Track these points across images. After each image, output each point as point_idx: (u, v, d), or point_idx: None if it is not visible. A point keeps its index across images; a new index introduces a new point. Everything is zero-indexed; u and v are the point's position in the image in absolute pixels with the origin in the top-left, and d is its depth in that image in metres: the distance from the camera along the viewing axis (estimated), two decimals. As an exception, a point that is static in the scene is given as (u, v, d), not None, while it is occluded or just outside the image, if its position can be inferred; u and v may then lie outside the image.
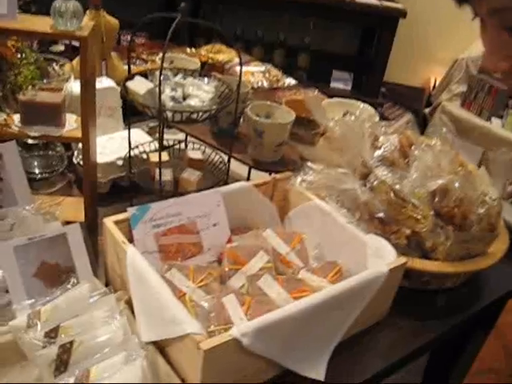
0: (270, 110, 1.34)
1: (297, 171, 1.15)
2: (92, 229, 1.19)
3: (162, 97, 1.05)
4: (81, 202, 1.21)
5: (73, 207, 1.23)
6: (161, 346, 0.86)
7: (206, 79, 1.16)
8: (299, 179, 1.12)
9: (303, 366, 0.89)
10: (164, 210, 1.03)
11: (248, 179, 1.34)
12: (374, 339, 1.02)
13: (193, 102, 1.06)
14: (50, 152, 1.40)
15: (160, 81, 0.97)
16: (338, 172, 1.11)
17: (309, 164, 1.12)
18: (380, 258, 1.00)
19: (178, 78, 1.15)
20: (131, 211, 1.00)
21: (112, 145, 1.37)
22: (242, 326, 0.78)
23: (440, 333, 1.06)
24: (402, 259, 0.99)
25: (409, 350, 1.02)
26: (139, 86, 1.05)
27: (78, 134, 1.09)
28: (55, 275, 0.91)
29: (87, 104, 1.06)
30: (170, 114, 1.03)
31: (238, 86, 1.11)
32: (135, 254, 0.91)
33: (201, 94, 1.08)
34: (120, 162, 1.28)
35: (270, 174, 1.33)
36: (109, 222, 0.98)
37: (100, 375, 0.78)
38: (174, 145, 1.33)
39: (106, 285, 1.01)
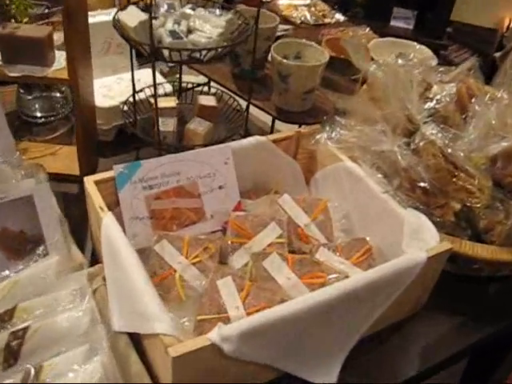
0: (300, 50, 1.12)
1: (323, 125, 0.94)
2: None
3: (160, 31, 0.87)
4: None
5: (69, 158, 1.08)
6: (137, 337, 0.70)
7: (217, 11, 0.95)
8: (325, 135, 0.92)
9: (310, 371, 0.72)
10: (158, 169, 0.86)
11: (271, 132, 1.15)
12: (404, 337, 0.83)
13: (197, 38, 0.87)
14: (54, 93, 1.24)
15: (151, 9, 0.78)
16: (374, 129, 0.89)
17: (337, 118, 0.92)
18: (419, 239, 0.80)
19: (186, 8, 0.95)
20: (117, 169, 0.84)
21: (119, 87, 1.20)
22: (224, 329, 0.61)
23: (488, 333, 0.86)
24: (446, 244, 0.79)
25: (448, 354, 0.83)
26: (130, 18, 0.86)
27: (65, 74, 0.92)
28: (19, 245, 0.77)
29: (72, 39, 0.88)
30: (166, 53, 0.84)
31: (257, 19, 0.90)
32: (111, 224, 0.75)
33: (207, 28, 0.88)
34: (125, 107, 1.11)
35: (300, 126, 1.13)
36: (89, 182, 0.82)
37: (53, 372, 0.64)
38: (188, 89, 1.15)
39: (92, 256, 0.88)
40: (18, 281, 0.74)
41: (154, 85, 0.88)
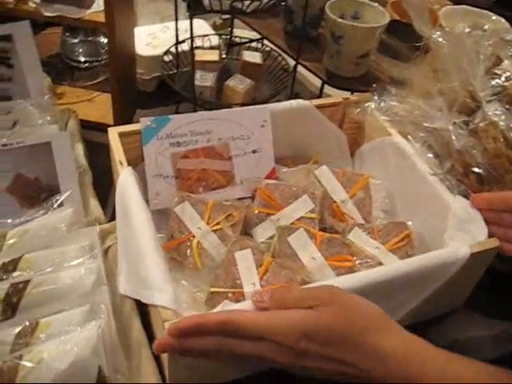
0: (359, 9, 1.03)
1: (372, 93, 0.85)
2: (120, 135, 1.00)
3: (204, -25, 0.79)
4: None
5: (105, 106, 1.04)
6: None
7: (269, -45, 0.87)
8: (372, 105, 0.83)
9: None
10: (188, 125, 0.81)
11: (320, 97, 1.06)
12: (437, 336, 0.75)
13: (242, -14, 0.80)
14: (98, 38, 1.20)
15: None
16: (429, 103, 0.80)
17: (388, 87, 0.83)
18: (465, 232, 0.71)
19: (237, -48, 0.87)
20: (144, 122, 0.78)
21: (165, 36, 1.14)
22: (228, 308, 0.56)
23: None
24: (495, 241, 0.70)
25: (484, 357, 0.74)
26: (172, -42, 0.79)
27: (102, 17, 0.87)
28: (34, 192, 0.73)
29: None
30: (207, 1, 0.78)
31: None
32: (128, 179, 0.70)
33: (255, -26, 0.80)
34: (166, 58, 1.06)
35: (352, 93, 1.05)
36: (112, 133, 0.77)
37: (48, 330, 0.61)
38: (238, 44, 1.08)
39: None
40: (28, 230, 0.71)
41: (191, 34, 0.81)
